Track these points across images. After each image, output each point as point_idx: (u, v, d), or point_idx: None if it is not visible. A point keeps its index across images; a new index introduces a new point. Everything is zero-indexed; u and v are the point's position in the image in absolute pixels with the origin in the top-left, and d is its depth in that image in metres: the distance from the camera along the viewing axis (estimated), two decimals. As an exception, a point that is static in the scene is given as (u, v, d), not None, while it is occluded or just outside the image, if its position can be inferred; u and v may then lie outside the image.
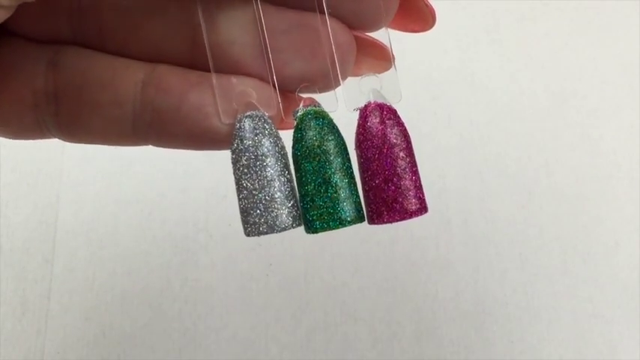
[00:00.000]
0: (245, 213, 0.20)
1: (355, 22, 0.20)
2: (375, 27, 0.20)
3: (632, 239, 0.41)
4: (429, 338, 0.38)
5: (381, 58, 0.21)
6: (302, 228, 0.20)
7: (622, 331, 0.39)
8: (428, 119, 0.43)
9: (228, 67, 0.20)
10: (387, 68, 0.21)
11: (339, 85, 0.21)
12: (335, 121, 0.20)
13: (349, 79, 0.21)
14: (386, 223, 0.20)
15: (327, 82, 0.21)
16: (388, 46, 0.21)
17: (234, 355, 0.38)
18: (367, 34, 0.21)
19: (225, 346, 0.38)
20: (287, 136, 0.21)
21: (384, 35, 0.21)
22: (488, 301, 0.39)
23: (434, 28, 0.21)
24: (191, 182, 0.42)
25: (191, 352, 0.38)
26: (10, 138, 0.23)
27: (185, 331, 0.38)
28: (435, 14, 0.21)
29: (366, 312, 0.39)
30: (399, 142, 0.20)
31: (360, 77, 0.21)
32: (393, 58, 0.21)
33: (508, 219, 0.41)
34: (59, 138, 0.22)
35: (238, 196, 0.20)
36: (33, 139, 0.23)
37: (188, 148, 0.22)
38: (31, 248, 0.40)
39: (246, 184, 0.20)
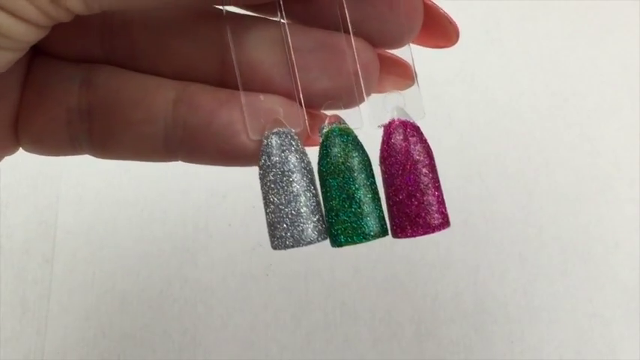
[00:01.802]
0: (272, 227, 0.20)
1: (379, 41, 0.21)
2: (399, 45, 0.21)
3: (632, 239, 0.41)
4: (429, 338, 0.38)
5: (403, 75, 0.22)
6: (327, 241, 0.21)
7: (622, 331, 0.39)
8: (428, 119, 0.43)
9: (256, 86, 0.21)
10: (409, 85, 0.22)
11: (363, 101, 0.21)
12: (359, 136, 0.21)
13: (373, 95, 0.21)
14: (409, 237, 0.20)
15: (352, 99, 0.21)
16: (410, 63, 0.21)
17: (234, 355, 0.38)
18: (390, 51, 0.21)
19: (225, 346, 0.38)
20: (312, 152, 0.21)
21: (406, 52, 0.21)
22: (488, 301, 0.39)
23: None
24: (191, 182, 0.42)
25: (191, 352, 0.38)
26: (42, 154, 0.23)
27: (185, 331, 0.38)
28: (458, 31, 0.21)
29: (366, 312, 0.39)
30: (422, 158, 0.20)
31: (383, 94, 0.22)
32: (416, 75, 0.21)
33: (508, 219, 0.41)
34: (91, 154, 0.23)
35: (265, 210, 0.21)
36: (65, 155, 0.23)
37: (217, 164, 0.22)
38: (31, 248, 0.40)
39: (274, 199, 0.20)
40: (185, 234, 0.40)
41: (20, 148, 0.24)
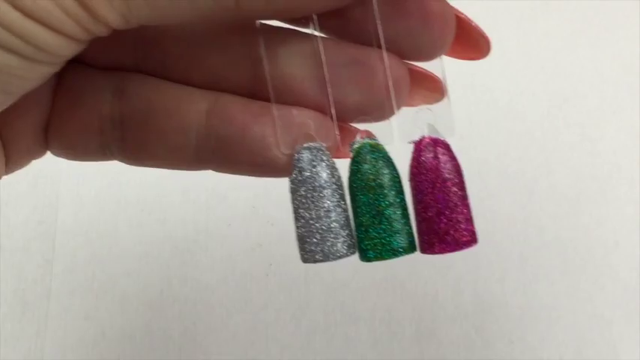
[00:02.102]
0: (302, 241, 0.21)
1: (411, 55, 0.21)
2: (430, 58, 0.21)
3: (632, 239, 0.41)
4: (429, 338, 0.38)
5: (433, 89, 0.22)
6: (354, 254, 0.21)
7: (622, 331, 0.39)
8: (428, 119, 0.43)
9: (288, 99, 0.21)
10: (439, 100, 0.22)
11: (393, 114, 0.21)
12: (388, 151, 0.21)
13: (403, 111, 0.21)
14: (437, 254, 0.20)
15: (383, 114, 0.21)
16: (440, 78, 0.21)
17: (234, 355, 0.38)
18: (421, 64, 0.21)
19: (225, 346, 0.38)
20: (342, 164, 0.21)
21: (437, 66, 0.21)
22: (488, 301, 0.39)
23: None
24: (191, 182, 0.42)
25: (191, 352, 0.38)
26: (72, 159, 0.24)
27: (185, 331, 0.38)
28: (490, 43, 0.21)
29: (366, 312, 0.39)
30: (451, 176, 0.21)
31: (414, 110, 0.22)
32: (446, 90, 0.21)
33: (508, 219, 0.41)
34: (122, 161, 0.23)
35: (296, 224, 0.21)
36: (95, 160, 0.24)
37: (248, 175, 0.22)
38: (31, 248, 0.40)
39: (304, 214, 0.20)
40: (185, 234, 0.40)
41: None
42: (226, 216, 0.41)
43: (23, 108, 0.19)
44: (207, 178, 0.42)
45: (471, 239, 0.21)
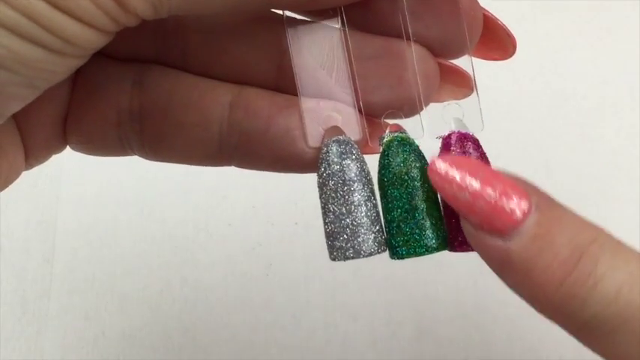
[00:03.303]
0: (331, 237, 0.20)
1: (439, 50, 0.20)
2: (458, 54, 0.21)
3: (632, 239, 0.41)
4: (429, 338, 0.38)
5: (461, 84, 0.21)
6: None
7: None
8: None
9: (314, 92, 0.20)
10: (467, 95, 0.21)
11: (422, 109, 0.21)
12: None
13: (431, 106, 0.21)
14: (468, 251, 0.20)
15: (412, 109, 0.21)
16: (469, 73, 0.21)
17: (234, 355, 0.38)
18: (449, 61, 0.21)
19: (225, 346, 0.38)
20: (369, 160, 0.21)
21: (466, 62, 0.21)
22: (488, 301, 0.39)
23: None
24: (191, 182, 0.42)
25: (191, 352, 0.38)
26: (91, 154, 0.23)
27: (185, 331, 0.38)
28: (515, 43, 0.21)
29: (366, 312, 0.39)
30: None
31: (442, 105, 0.21)
32: (476, 86, 0.21)
33: (508, 219, 0.41)
34: (141, 156, 0.23)
35: (324, 220, 0.20)
36: (114, 155, 0.23)
37: (272, 170, 0.22)
38: (31, 248, 0.40)
39: (333, 209, 0.20)
40: (185, 234, 0.40)
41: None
42: (226, 216, 0.41)
43: (41, 100, 0.18)
44: (208, 178, 0.42)
45: None
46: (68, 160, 0.41)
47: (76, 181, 0.41)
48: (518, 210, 0.17)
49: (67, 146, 0.23)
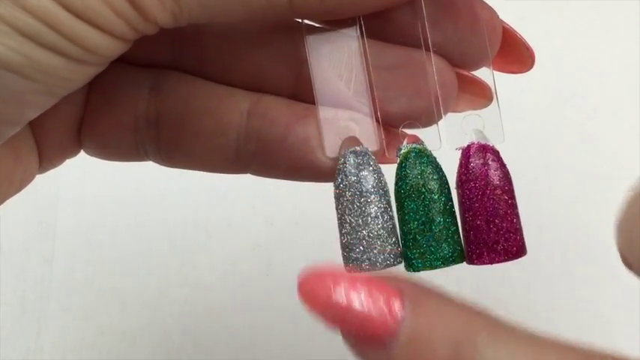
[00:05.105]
0: (347, 249, 0.20)
1: (458, 61, 0.20)
2: (478, 66, 0.21)
3: (632, 239, 0.41)
4: (429, 338, 0.38)
5: (479, 95, 0.21)
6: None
7: (622, 331, 0.39)
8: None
9: (332, 101, 0.20)
10: (485, 105, 0.21)
11: (441, 119, 0.21)
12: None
13: (450, 117, 0.21)
14: (486, 264, 0.20)
15: (430, 120, 0.21)
16: (488, 83, 0.21)
17: (234, 354, 0.38)
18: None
19: (225, 346, 0.38)
20: (386, 170, 0.21)
21: (485, 74, 0.21)
22: (488, 301, 0.39)
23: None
24: (191, 182, 0.42)
25: (191, 352, 0.38)
26: (106, 159, 0.23)
27: (185, 331, 0.38)
28: (534, 57, 0.21)
29: (366, 312, 0.39)
30: (502, 184, 0.20)
31: (462, 116, 0.21)
32: (496, 97, 0.21)
33: (508, 219, 0.41)
34: (157, 162, 0.23)
35: (340, 230, 0.20)
36: (129, 161, 0.23)
37: (289, 179, 0.22)
38: (31, 248, 0.40)
39: (350, 220, 0.20)
40: (185, 234, 0.40)
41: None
42: (226, 216, 0.41)
43: (57, 105, 0.18)
44: (208, 178, 0.42)
45: (519, 250, 0.20)
46: (68, 160, 0.41)
47: (76, 181, 0.41)
48: (390, 316, 0.16)
49: (82, 151, 0.23)
